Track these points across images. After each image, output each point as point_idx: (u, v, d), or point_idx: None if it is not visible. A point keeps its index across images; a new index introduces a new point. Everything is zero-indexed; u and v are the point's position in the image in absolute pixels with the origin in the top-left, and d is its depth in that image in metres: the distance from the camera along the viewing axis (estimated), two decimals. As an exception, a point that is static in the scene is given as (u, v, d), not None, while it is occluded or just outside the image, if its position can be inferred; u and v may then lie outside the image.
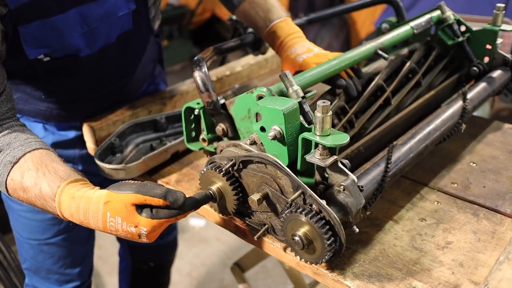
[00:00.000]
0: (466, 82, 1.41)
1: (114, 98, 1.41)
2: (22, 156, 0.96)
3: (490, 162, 1.23)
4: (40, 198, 0.93)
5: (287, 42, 1.22)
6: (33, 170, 0.94)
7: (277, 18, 1.26)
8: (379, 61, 1.37)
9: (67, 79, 1.25)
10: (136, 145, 1.36)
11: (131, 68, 1.38)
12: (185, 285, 2.54)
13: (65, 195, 0.90)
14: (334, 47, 4.13)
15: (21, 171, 0.95)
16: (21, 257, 1.53)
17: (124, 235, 0.87)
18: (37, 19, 1.05)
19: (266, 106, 0.87)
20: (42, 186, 0.93)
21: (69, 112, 1.34)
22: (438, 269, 0.90)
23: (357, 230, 0.87)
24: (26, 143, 0.99)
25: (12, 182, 0.96)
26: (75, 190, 0.91)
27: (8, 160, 0.96)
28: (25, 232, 1.43)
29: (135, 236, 0.87)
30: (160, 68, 1.62)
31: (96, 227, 0.89)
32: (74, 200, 0.89)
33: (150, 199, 0.85)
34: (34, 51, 1.09)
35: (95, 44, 1.20)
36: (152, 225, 0.85)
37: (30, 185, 0.94)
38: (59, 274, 1.49)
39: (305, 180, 0.90)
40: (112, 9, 1.16)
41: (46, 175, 0.94)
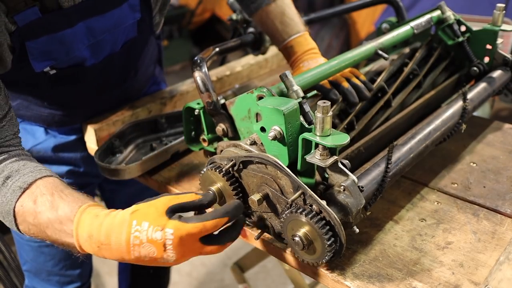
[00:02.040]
0: (466, 82, 1.41)
1: (116, 100, 1.42)
2: (33, 182, 0.91)
3: (490, 162, 1.23)
4: (55, 221, 0.86)
5: (302, 57, 1.23)
6: (47, 194, 0.88)
7: (295, 33, 1.25)
8: (380, 61, 1.37)
9: (70, 88, 1.24)
10: (136, 145, 1.36)
11: (134, 72, 1.38)
12: (185, 285, 2.54)
13: (87, 214, 0.84)
14: (334, 47, 4.13)
15: (33, 196, 0.89)
16: (21, 259, 1.52)
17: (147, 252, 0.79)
18: (45, 35, 1.04)
19: (266, 106, 0.87)
20: (60, 207, 0.86)
21: (71, 117, 1.34)
22: (438, 269, 0.90)
23: (357, 230, 0.87)
24: (37, 170, 0.94)
25: (21, 209, 0.89)
26: (99, 210, 0.85)
27: (18, 186, 0.90)
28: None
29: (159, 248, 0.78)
30: (159, 68, 1.63)
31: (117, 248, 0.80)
32: (97, 218, 0.83)
33: (182, 197, 0.82)
34: (40, 64, 1.09)
35: (101, 54, 1.20)
36: (179, 228, 0.77)
37: (44, 209, 0.87)
38: (59, 276, 1.49)
39: (305, 180, 0.90)
40: (119, 21, 1.16)
41: (63, 198, 0.88)
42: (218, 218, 0.80)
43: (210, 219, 0.79)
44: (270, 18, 1.28)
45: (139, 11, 1.19)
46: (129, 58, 1.31)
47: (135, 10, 1.18)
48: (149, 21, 1.26)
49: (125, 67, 1.33)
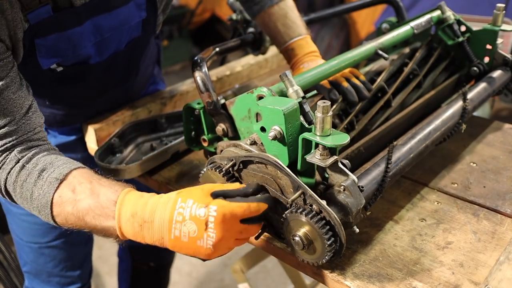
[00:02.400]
0: (466, 82, 1.41)
1: (117, 101, 1.42)
2: (69, 173, 0.91)
3: (490, 162, 1.23)
4: (96, 207, 0.87)
5: (303, 59, 1.24)
6: (86, 182, 0.89)
7: (297, 36, 1.26)
8: (380, 61, 1.37)
9: (73, 86, 1.24)
10: (136, 145, 1.36)
11: (135, 72, 1.38)
12: (185, 285, 2.53)
13: (132, 195, 0.86)
14: (334, 47, 4.13)
15: (71, 186, 0.90)
16: (21, 261, 1.52)
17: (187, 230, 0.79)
18: (54, 32, 1.05)
19: (266, 106, 0.87)
20: (101, 193, 0.87)
21: (71, 117, 1.34)
22: (438, 269, 0.90)
23: (357, 230, 0.87)
24: (70, 162, 0.94)
25: (60, 199, 0.89)
26: (143, 192, 0.87)
27: (55, 177, 0.90)
28: (26, 235, 1.43)
29: (201, 226, 0.78)
30: (158, 68, 1.63)
31: (160, 225, 0.81)
32: (143, 198, 0.85)
33: (227, 185, 0.84)
34: (47, 61, 1.09)
35: (105, 52, 1.20)
36: (223, 205, 0.79)
37: (84, 196, 0.87)
38: (60, 277, 1.49)
39: (306, 180, 0.90)
40: (125, 19, 1.17)
41: (103, 185, 0.89)
42: (261, 202, 0.82)
43: (254, 201, 0.81)
44: (272, 20, 1.28)
45: (145, 10, 1.20)
46: (132, 57, 1.31)
47: (141, 9, 1.19)
48: (153, 21, 1.27)
49: (128, 66, 1.33)
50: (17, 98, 0.94)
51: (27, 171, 0.93)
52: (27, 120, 0.96)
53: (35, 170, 0.92)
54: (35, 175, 0.92)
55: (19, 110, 0.94)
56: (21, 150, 0.94)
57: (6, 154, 0.94)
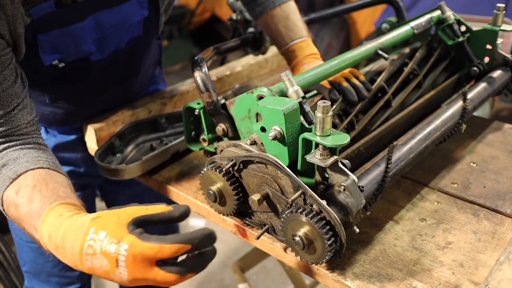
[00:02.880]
0: (466, 82, 1.41)
1: (117, 100, 1.42)
2: (23, 173, 0.90)
3: (490, 162, 1.23)
4: (27, 216, 0.84)
5: (303, 61, 1.24)
6: (30, 187, 0.87)
7: (298, 38, 1.26)
8: (380, 61, 1.37)
9: (74, 84, 1.24)
10: (136, 145, 1.36)
11: (136, 71, 1.39)
12: (185, 285, 2.52)
13: (54, 213, 0.81)
14: (334, 47, 4.13)
15: (17, 188, 0.88)
16: (20, 260, 1.52)
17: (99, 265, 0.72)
18: (57, 28, 1.05)
19: (266, 106, 0.87)
20: (34, 201, 0.84)
21: (71, 116, 1.34)
22: (439, 269, 0.90)
23: (357, 230, 0.87)
24: (34, 161, 0.92)
25: (7, 198, 0.89)
26: (67, 210, 0.81)
27: (8, 176, 0.90)
28: (25, 235, 1.41)
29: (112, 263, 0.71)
30: (159, 69, 1.63)
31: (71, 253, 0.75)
32: (60, 218, 0.79)
33: (150, 208, 0.74)
34: (49, 57, 1.09)
35: (106, 49, 1.20)
36: (134, 245, 0.70)
37: (22, 202, 0.86)
38: (59, 277, 1.49)
39: (306, 180, 0.90)
40: (127, 16, 1.17)
41: (42, 193, 0.85)
42: (179, 243, 0.70)
43: (169, 243, 0.70)
44: (274, 21, 1.29)
45: (146, 8, 1.20)
46: (132, 56, 1.31)
47: (143, 6, 1.19)
48: (155, 21, 1.27)
49: (128, 65, 1.33)
50: (10, 93, 0.94)
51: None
52: (10, 117, 0.95)
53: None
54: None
55: (9, 105, 0.94)
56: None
57: None
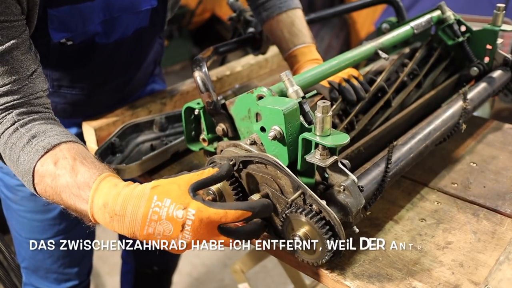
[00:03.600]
0: (466, 82, 1.41)
1: (116, 95, 1.42)
2: (57, 145, 0.90)
3: (490, 162, 1.23)
4: (72, 186, 0.85)
5: (304, 65, 1.25)
6: (69, 158, 0.88)
7: (301, 43, 1.28)
8: (380, 61, 1.37)
9: (78, 69, 1.25)
10: (136, 145, 1.36)
11: (137, 65, 1.39)
12: (185, 285, 2.54)
13: (107, 182, 0.83)
14: (334, 47, 4.13)
15: (55, 158, 0.88)
16: (19, 256, 1.53)
17: (162, 229, 0.77)
18: (67, 4, 1.06)
19: (266, 106, 0.87)
20: (80, 172, 0.85)
21: (72, 108, 1.34)
22: (438, 269, 0.90)
23: (357, 230, 0.87)
24: (63, 134, 0.93)
25: (41, 168, 0.89)
26: (119, 180, 0.84)
27: (42, 146, 0.90)
28: (25, 231, 1.43)
29: (177, 227, 0.77)
30: (159, 68, 1.63)
31: (131, 220, 0.78)
32: (116, 187, 0.82)
33: (202, 173, 0.81)
34: (58, 34, 1.10)
35: (112, 35, 1.21)
36: (201, 210, 0.76)
37: (64, 172, 0.86)
38: (57, 273, 1.49)
39: (305, 180, 0.90)
40: (136, 2, 1.18)
41: (84, 164, 0.87)
42: (241, 209, 0.79)
43: (233, 209, 0.78)
44: (280, 27, 1.31)
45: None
46: (136, 47, 1.32)
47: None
48: (162, 15, 1.27)
49: (132, 56, 1.34)
50: (24, 60, 0.94)
51: (19, 135, 0.92)
52: (30, 83, 0.95)
53: (26, 135, 0.92)
54: (25, 140, 0.91)
55: (24, 72, 0.94)
56: (19, 113, 0.94)
57: (5, 115, 0.93)
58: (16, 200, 1.39)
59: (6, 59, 0.92)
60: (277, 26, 1.31)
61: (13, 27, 0.92)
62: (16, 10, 0.92)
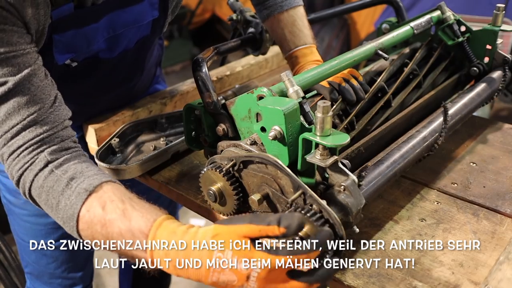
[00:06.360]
0: (466, 82, 1.41)
1: (120, 100, 1.42)
2: (99, 185, 0.85)
3: (490, 162, 1.23)
4: (126, 233, 0.81)
5: (305, 66, 1.24)
6: (117, 201, 0.83)
7: (302, 44, 1.27)
8: (380, 61, 1.37)
9: (82, 82, 1.24)
10: (137, 145, 1.36)
11: (140, 71, 1.39)
12: (185, 285, 2.53)
13: (164, 230, 0.79)
14: (334, 47, 4.13)
15: (101, 201, 0.83)
16: (23, 262, 1.52)
17: (226, 279, 0.75)
18: (72, 29, 1.05)
19: (266, 106, 0.87)
20: (133, 218, 0.81)
21: (74, 114, 1.33)
22: (438, 269, 0.90)
23: (357, 230, 0.87)
24: (100, 173, 0.88)
25: (88, 214, 0.83)
26: (176, 225, 0.80)
27: (84, 188, 0.84)
28: (28, 236, 1.42)
29: (241, 278, 0.74)
30: (159, 69, 1.63)
31: (196, 271, 0.76)
32: (175, 234, 0.78)
33: (264, 229, 0.74)
34: (63, 57, 1.09)
35: (116, 49, 1.20)
36: (268, 259, 0.72)
37: (115, 217, 0.81)
38: (62, 278, 1.49)
39: (306, 180, 0.90)
40: (139, 17, 1.17)
41: (135, 208, 0.82)
42: (312, 252, 0.73)
43: (303, 253, 0.73)
44: (280, 26, 1.29)
45: (157, 9, 1.20)
46: (139, 56, 1.32)
47: (154, 8, 1.19)
48: (162, 21, 1.27)
49: (134, 65, 1.34)
50: (45, 86, 0.91)
51: (55, 177, 0.87)
52: (55, 110, 0.91)
53: (63, 178, 0.87)
54: (63, 183, 0.86)
55: (47, 98, 0.91)
56: (51, 151, 0.89)
57: (37, 153, 0.88)
58: (18, 204, 1.38)
59: (27, 87, 0.88)
60: (278, 26, 1.30)
61: (28, 53, 0.89)
62: (27, 38, 0.91)
